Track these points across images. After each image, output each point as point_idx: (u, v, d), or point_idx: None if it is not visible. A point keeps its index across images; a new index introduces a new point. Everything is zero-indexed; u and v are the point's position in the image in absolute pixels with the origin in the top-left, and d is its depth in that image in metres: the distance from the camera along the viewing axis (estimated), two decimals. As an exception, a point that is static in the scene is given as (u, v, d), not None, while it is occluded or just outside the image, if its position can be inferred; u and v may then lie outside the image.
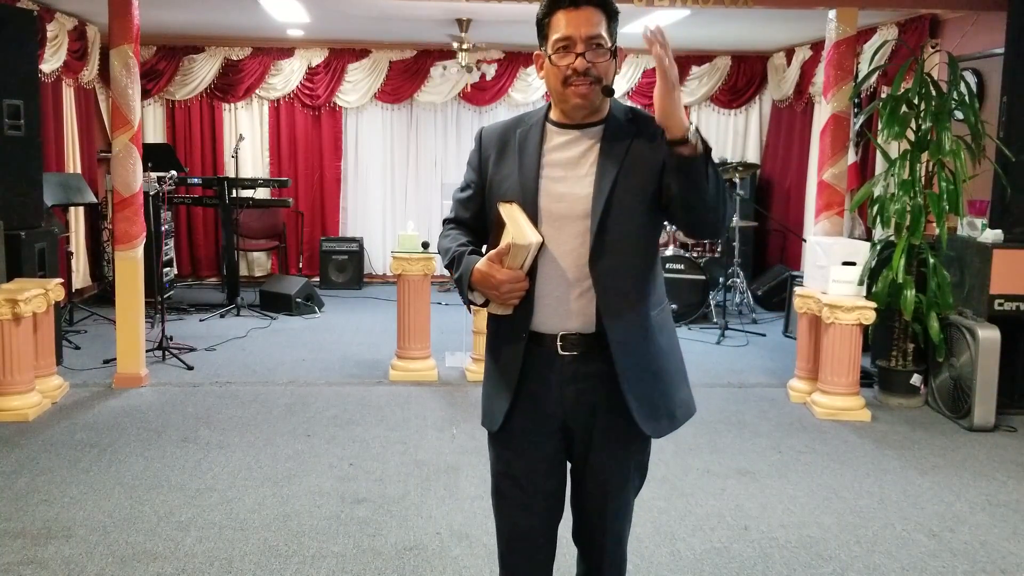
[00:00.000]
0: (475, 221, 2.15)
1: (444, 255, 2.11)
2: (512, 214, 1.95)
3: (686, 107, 8.98)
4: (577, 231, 1.96)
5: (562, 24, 1.92)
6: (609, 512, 2.10)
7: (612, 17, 1.96)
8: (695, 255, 7.38)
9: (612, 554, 2.15)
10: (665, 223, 2.06)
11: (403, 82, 8.85)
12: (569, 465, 2.14)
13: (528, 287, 1.96)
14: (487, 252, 2.03)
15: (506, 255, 1.90)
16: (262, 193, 8.40)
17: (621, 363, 1.96)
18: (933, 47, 6.13)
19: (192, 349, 6.16)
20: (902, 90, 5.07)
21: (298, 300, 7.48)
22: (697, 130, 1.81)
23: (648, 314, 2.01)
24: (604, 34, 1.93)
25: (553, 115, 2.07)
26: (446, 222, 2.21)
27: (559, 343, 1.98)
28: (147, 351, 5.58)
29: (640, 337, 1.99)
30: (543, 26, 1.98)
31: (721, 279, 7.48)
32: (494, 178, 2.06)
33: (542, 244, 1.94)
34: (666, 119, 1.78)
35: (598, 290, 1.95)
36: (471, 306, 2.05)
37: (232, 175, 8.13)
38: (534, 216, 1.96)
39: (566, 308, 1.98)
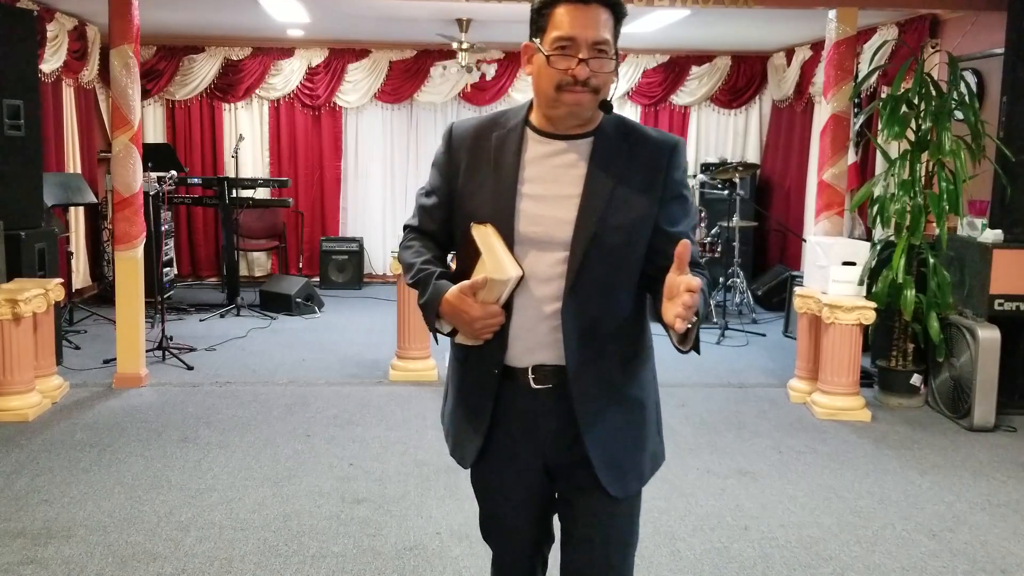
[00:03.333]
0: (441, 232, 1.90)
1: (407, 271, 1.87)
2: (488, 240, 1.73)
3: (686, 107, 9.00)
4: (555, 259, 1.74)
5: (566, 21, 1.66)
6: (612, 553, 1.88)
7: (619, 20, 1.72)
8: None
9: None
10: None
11: (403, 82, 8.85)
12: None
13: (504, 322, 1.75)
14: (455, 270, 1.82)
15: (481, 288, 1.69)
16: (262, 193, 8.40)
17: (581, 412, 1.77)
18: (933, 47, 6.13)
19: (192, 349, 6.16)
20: (902, 90, 5.07)
21: (298, 300, 7.48)
22: (697, 330, 1.65)
23: (619, 364, 1.81)
24: (610, 39, 1.69)
25: (535, 119, 1.80)
26: (408, 229, 1.96)
27: (531, 375, 1.79)
28: (147, 351, 5.58)
29: (605, 389, 1.79)
30: (541, 16, 1.71)
31: (721, 279, 7.48)
32: (464, 188, 1.82)
33: (521, 277, 1.73)
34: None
35: (565, 332, 1.74)
36: (437, 334, 1.83)
37: (232, 175, 8.13)
38: (508, 239, 1.74)
39: (539, 340, 1.77)
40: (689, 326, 1.59)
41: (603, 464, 1.79)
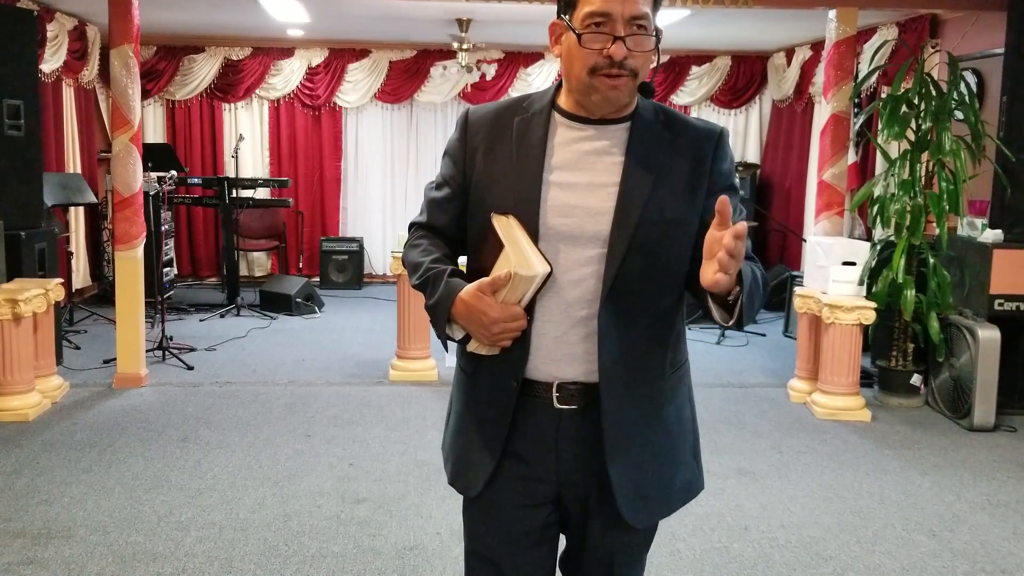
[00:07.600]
0: (453, 228, 1.69)
1: (412, 272, 1.64)
2: (511, 232, 1.55)
3: (686, 107, 9.00)
4: (587, 256, 1.56)
5: None
6: None
7: None
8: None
9: None
10: None
11: (403, 82, 8.85)
12: (563, 537, 1.78)
13: (526, 326, 1.55)
14: (468, 268, 1.64)
15: (504, 285, 1.49)
16: (262, 193, 8.40)
17: (610, 435, 1.58)
18: (933, 47, 6.13)
19: (192, 349, 6.16)
20: (902, 90, 5.07)
21: (298, 300, 7.48)
22: (743, 299, 1.46)
23: (658, 380, 1.63)
24: (650, 13, 1.53)
25: (564, 103, 1.62)
26: (415, 227, 1.75)
27: (555, 393, 1.59)
28: (147, 351, 5.58)
29: (642, 408, 1.61)
30: None
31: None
32: (482, 178, 1.62)
33: (550, 275, 1.53)
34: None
35: (601, 341, 1.55)
36: (448, 341, 1.62)
37: (232, 175, 8.13)
38: (533, 232, 1.55)
39: (566, 351, 1.58)
40: (731, 297, 1.43)
41: (627, 496, 1.61)
